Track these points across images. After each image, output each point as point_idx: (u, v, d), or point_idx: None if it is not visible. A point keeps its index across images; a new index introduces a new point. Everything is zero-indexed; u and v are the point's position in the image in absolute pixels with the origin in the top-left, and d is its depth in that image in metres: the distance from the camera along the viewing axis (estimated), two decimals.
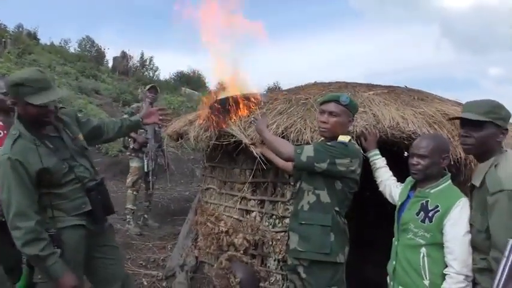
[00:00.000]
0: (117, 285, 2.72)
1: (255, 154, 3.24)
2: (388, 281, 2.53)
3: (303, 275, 2.59)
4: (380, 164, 2.88)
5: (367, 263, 3.83)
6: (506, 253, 1.66)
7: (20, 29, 20.60)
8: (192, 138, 3.74)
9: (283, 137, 3.17)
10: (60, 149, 2.50)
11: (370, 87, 3.96)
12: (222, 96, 3.66)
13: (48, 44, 20.68)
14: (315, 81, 4.47)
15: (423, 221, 2.31)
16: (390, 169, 2.90)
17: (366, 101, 3.46)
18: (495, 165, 2.05)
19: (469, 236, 2.15)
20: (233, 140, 3.41)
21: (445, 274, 2.20)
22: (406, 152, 2.54)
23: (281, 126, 3.31)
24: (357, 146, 2.66)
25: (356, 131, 3.03)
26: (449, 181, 2.37)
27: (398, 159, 2.80)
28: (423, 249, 2.30)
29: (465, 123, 2.17)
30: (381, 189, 2.85)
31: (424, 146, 2.37)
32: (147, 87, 6.34)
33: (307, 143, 3.11)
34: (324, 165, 2.48)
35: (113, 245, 2.79)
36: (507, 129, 2.16)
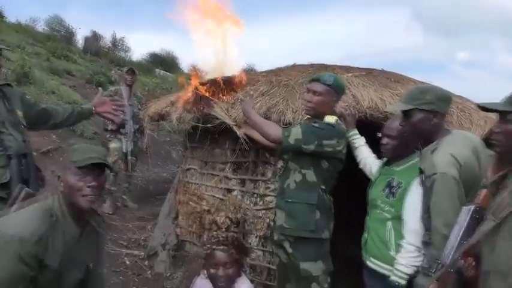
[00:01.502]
0: None
1: (238, 135, 3.30)
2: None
3: (289, 250, 2.68)
4: (359, 142, 2.97)
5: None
6: (460, 219, 1.79)
7: None
8: (175, 120, 3.78)
9: (265, 118, 3.24)
10: None
11: (348, 69, 4.06)
12: (204, 78, 3.66)
13: (15, 22, 19.91)
14: (294, 63, 4.53)
15: (387, 196, 2.47)
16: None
17: (345, 82, 3.56)
18: (433, 150, 2.11)
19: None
20: (217, 122, 3.45)
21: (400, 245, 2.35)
22: (379, 134, 2.64)
23: (264, 106, 3.38)
24: (343, 126, 2.73)
25: (335, 112, 3.13)
26: (417, 159, 2.45)
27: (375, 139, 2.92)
28: (389, 223, 2.46)
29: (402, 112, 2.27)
30: (361, 166, 2.95)
31: (393, 127, 2.50)
32: (125, 69, 6.29)
33: (289, 123, 3.20)
34: (311, 147, 2.55)
35: None
36: (438, 112, 2.15)
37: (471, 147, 2.12)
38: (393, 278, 2.31)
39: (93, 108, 3.07)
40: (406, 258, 2.28)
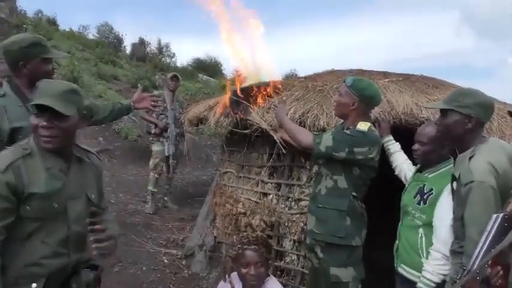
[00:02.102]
0: None
1: (275, 139, 3.35)
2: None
3: (320, 255, 2.68)
4: (394, 148, 2.96)
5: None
6: (489, 227, 1.76)
7: (40, 15, 20.84)
8: (213, 124, 3.89)
9: (300, 123, 3.29)
10: None
11: (386, 75, 4.02)
12: (241, 85, 3.73)
13: (67, 30, 20.94)
14: (332, 69, 4.55)
15: (419, 203, 2.46)
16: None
17: (381, 88, 3.54)
18: (471, 157, 2.05)
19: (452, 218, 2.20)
20: (254, 128, 3.52)
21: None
22: None
23: (298, 111, 3.42)
24: (376, 133, 2.67)
25: (369, 118, 3.13)
26: (450, 166, 2.43)
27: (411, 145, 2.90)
28: (420, 230, 2.46)
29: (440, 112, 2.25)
30: (396, 173, 2.94)
31: (425, 133, 2.50)
32: (169, 75, 6.55)
33: (323, 128, 3.23)
34: (342, 154, 2.54)
35: None
36: (473, 117, 2.09)
37: (507, 155, 2.09)
38: (420, 285, 2.31)
39: (132, 104, 3.14)
40: (433, 266, 2.27)
